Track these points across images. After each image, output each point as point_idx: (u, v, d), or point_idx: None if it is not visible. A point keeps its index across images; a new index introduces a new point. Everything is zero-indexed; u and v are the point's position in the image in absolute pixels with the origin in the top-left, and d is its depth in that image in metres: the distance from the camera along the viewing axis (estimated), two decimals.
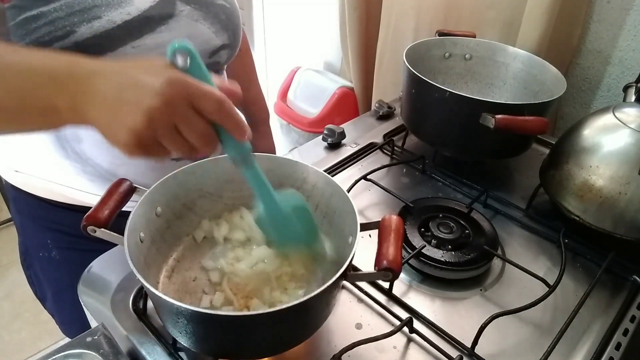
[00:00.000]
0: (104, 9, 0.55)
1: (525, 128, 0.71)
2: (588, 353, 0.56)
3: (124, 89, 0.40)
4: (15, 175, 0.71)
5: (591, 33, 0.96)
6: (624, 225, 0.65)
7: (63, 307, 0.78)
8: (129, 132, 0.40)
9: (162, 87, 0.39)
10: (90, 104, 0.41)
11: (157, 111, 0.39)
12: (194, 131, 0.41)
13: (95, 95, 0.41)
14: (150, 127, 0.39)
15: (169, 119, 0.40)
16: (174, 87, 0.40)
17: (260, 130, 1.05)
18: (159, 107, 0.39)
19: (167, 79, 0.39)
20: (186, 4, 0.63)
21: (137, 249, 0.49)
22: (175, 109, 0.40)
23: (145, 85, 0.40)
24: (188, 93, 0.40)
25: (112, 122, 0.41)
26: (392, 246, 0.46)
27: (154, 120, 0.39)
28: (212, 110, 0.41)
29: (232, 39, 0.71)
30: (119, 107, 0.40)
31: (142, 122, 0.39)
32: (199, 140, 0.42)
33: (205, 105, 0.41)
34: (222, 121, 0.42)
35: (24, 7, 0.52)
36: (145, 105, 0.39)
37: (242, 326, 0.43)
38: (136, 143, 0.40)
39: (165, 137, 0.41)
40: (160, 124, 0.40)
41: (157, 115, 0.39)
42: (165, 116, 0.39)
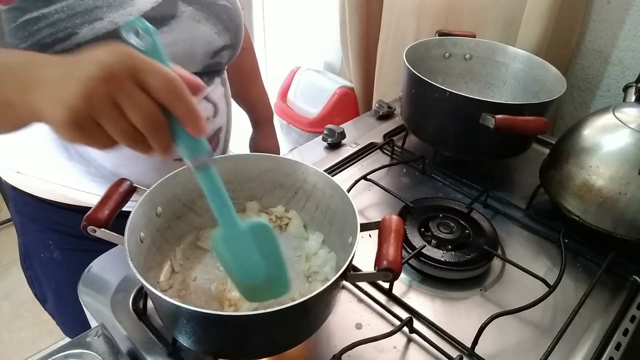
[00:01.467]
0: (106, 10, 0.55)
1: (525, 128, 0.71)
2: (588, 353, 0.56)
3: (70, 66, 0.36)
4: (16, 176, 0.71)
5: (591, 33, 0.96)
6: (624, 225, 0.65)
7: (64, 307, 0.78)
8: (64, 108, 0.34)
9: (107, 58, 0.35)
10: (36, 90, 0.37)
11: (95, 80, 0.34)
12: (137, 110, 0.35)
13: (41, 80, 0.37)
14: (85, 100, 0.34)
15: (107, 91, 0.34)
16: (117, 56, 0.35)
17: (264, 129, 1.04)
18: (96, 76, 0.34)
19: (116, 50, 0.35)
20: (188, 5, 0.63)
21: (137, 249, 0.49)
22: (117, 80, 0.34)
23: (91, 60, 0.35)
24: (133, 64, 0.35)
25: (50, 103, 0.36)
26: (392, 246, 0.46)
27: (91, 92, 0.34)
28: (159, 87, 0.36)
29: (234, 40, 0.71)
30: (59, 85, 0.35)
31: (76, 94, 0.34)
32: (143, 123, 0.36)
33: (152, 81, 0.35)
34: (172, 104, 0.36)
35: (25, 9, 0.52)
36: (83, 75, 0.34)
37: (242, 326, 0.43)
38: (72, 121, 0.35)
39: (103, 114, 0.35)
40: (97, 96, 0.34)
41: (94, 85, 0.34)
42: (103, 86, 0.34)
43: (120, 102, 0.35)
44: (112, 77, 0.34)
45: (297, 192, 0.61)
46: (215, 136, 0.74)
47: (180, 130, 0.38)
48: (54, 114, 0.35)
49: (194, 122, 0.38)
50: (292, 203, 0.62)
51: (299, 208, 0.62)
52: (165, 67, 0.36)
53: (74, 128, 0.35)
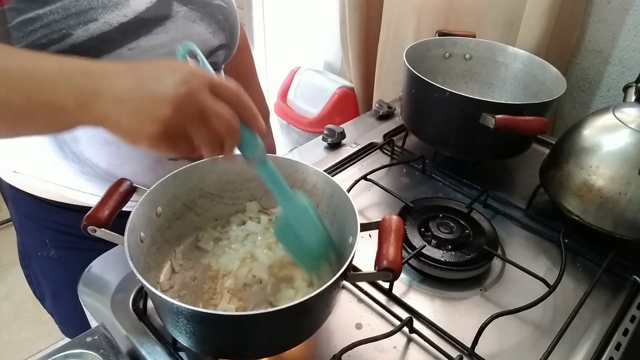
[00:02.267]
0: (100, 11, 0.55)
1: (525, 128, 0.71)
2: (588, 353, 0.56)
3: (143, 82, 0.40)
4: (13, 175, 0.71)
5: (591, 33, 0.96)
6: (624, 225, 0.65)
7: (62, 306, 0.78)
8: (156, 123, 0.40)
9: (184, 76, 0.40)
10: (107, 102, 0.40)
11: (184, 97, 0.40)
12: (220, 117, 0.42)
13: (112, 92, 0.40)
14: (178, 116, 0.40)
15: (196, 107, 0.40)
16: (194, 76, 0.41)
17: None
18: (185, 94, 0.40)
19: (187, 69, 0.41)
20: (183, 5, 0.63)
21: (137, 248, 0.49)
22: (201, 95, 0.40)
23: (167, 77, 0.40)
24: (208, 80, 0.41)
25: (134, 117, 0.40)
26: (392, 246, 0.46)
27: (182, 108, 0.40)
28: (231, 97, 0.42)
29: (229, 39, 0.71)
30: (140, 100, 0.40)
31: (170, 111, 0.39)
32: (225, 128, 0.42)
33: (226, 92, 0.42)
34: (241, 109, 0.43)
35: (21, 10, 0.52)
36: (172, 94, 0.39)
37: (242, 326, 0.43)
38: (163, 134, 0.40)
39: (192, 125, 0.41)
40: (188, 110, 0.40)
41: (184, 102, 0.40)
42: (192, 103, 0.40)
43: (206, 113, 0.41)
44: (198, 93, 0.40)
45: None
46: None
47: (243, 133, 0.45)
48: (142, 129, 0.40)
49: (259, 122, 0.45)
50: None
51: None
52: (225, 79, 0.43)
53: (164, 139, 0.41)
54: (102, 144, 0.64)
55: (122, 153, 0.65)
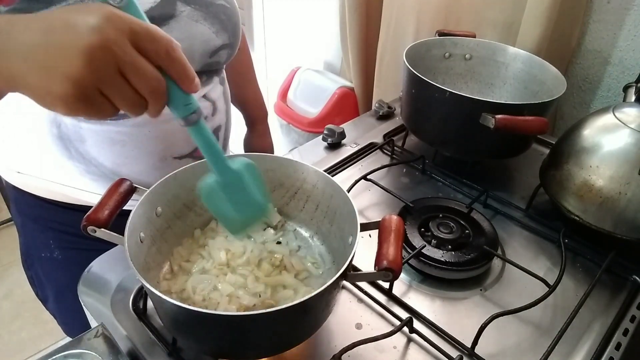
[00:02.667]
0: None
1: (525, 128, 0.71)
2: (588, 353, 0.56)
3: (51, 32, 0.34)
4: (16, 176, 0.71)
5: (591, 33, 0.96)
6: (624, 225, 0.65)
7: (65, 307, 0.78)
8: (67, 81, 0.33)
9: (99, 22, 0.33)
10: (12, 59, 0.34)
11: (98, 50, 0.33)
12: (142, 75, 0.35)
13: (16, 47, 0.34)
14: (91, 71, 0.33)
15: (112, 60, 0.34)
16: (114, 22, 0.34)
17: (258, 128, 1.05)
18: (99, 45, 0.33)
19: (105, 14, 0.34)
20: (186, 5, 0.63)
21: (137, 249, 0.49)
22: (119, 47, 0.34)
23: (78, 23, 0.33)
24: (131, 30, 0.34)
25: (42, 75, 0.34)
26: (392, 246, 0.46)
27: (96, 62, 0.33)
28: (158, 50, 0.36)
29: (232, 39, 0.71)
30: (48, 54, 0.33)
31: (81, 66, 0.33)
32: (148, 87, 0.36)
33: (151, 45, 0.35)
34: (170, 65, 0.37)
35: (24, 10, 0.52)
36: (82, 44, 0.33)
37: (242, 326, 0.43)
38: (76, 94, 0.34)
39: (109, 84, 0.35)
40: (102, 66, 0.33)
41: (98, 54, 0.33)
42: (108, 56, 0.33)
43: (124, 69, 0.35)
44: (116, 47, 0.34)
45: (297, 192, 0.61)
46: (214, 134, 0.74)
47: (174, 90, 0.39)
48: (53, 89, 0.34)
49: (189, 80, 0.38)
50: (292, 203, 0.62)
51: (298, 208, 0.62)
52: (157, 28, 0.36)
53: (78, 100, 0.34)
54: (108, 144, 0.64)
55: (127, 152, 0.65)
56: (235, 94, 0.96)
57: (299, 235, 0.62)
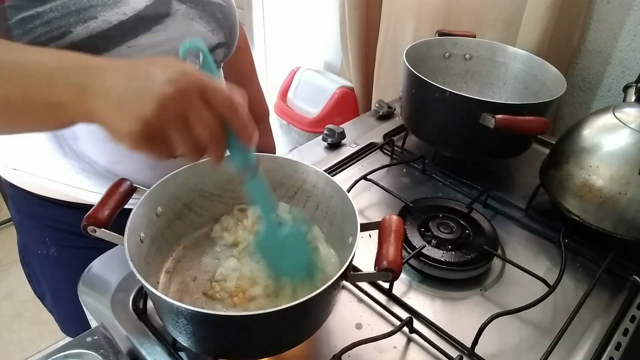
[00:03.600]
0: (100, 9, 0.55)
1: (525, 128, 0.71)
2: (588, 353, 0.56)
3: (134, 79, 0.39)
4: (13, 173, 0.71)
5: (591, 33, 0.96)
6: (624, 225, 0.65)
7: (62, 304, 0.78)
8: (137, 121, 0.38)
9: (174, 75, 0.38)
10: (96, 97, 0.39)
11: (169, 98, 0.38)
12: (204, 124, 0.39)
13: (102, 87, 0.39)
14: (160, 115, 0.38)
15: (180, 108, 0.38)
16: (186, 76, 0.39)
17: (260, 128, 1.04)
18: (171, 95, 0.38)
19: (180, 69, 0.39)
20: (182, 3, 0.63)
21: (137, 249, 0.49)
22: (188, 98, 0.38)
23: (157, 75, 0.38)
24: (201, 83, 0.39)
25: (118, 113, 0.39)
26: (393, 246, 0.46)
27: (165, 108, 0.38)
28: (222, 105, 0.40)
29: (228, 38, 0.71)
30: (127, 97, 0.38)
31: (152, 109, 0.37)
32: (208, 136, 0.40)
33: (217, 99, 0.40)
34: (231, 118, 0.41)
35: (21, 7, 0.52)
36: (157, 92, 0.37)
37: (242, 326, 0.43)
38: (143, 133, 0.38)
39: (174, 129, 0.39)
40: (171, 112, 0.38)
41: (169, 102, 0.38)
42: (177, 104, 0.38)
43: (190, 117, 0.39)
44: (185, 96, 0.38)
45: (297, 192, 0.61)
46: None
47: (233, 142, 0.43)
48: (124, 126, 0.38)
49: (248, 136, 0.43)
50: (292, 203, 0.62)
51: (298, 208, 0.62)
52: (224, 86, 0.40)
53: (144, 139, 0.39)
54: (101, 141, 0.64)
55: (122, 150, 0.65)
56: None
57: None
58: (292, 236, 0.52)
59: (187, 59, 0.41)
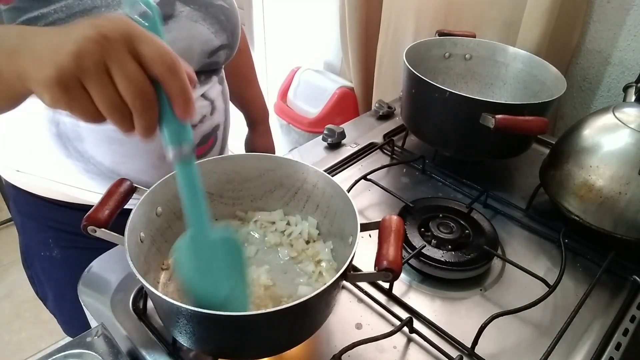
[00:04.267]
0: (104, 10, 0.55)
1: (526, 128, 0.71)
2: (588, 353, 0.56)
3: (62, 33, 0.35)
4: (16, 174, 0.71)
5: (591, 33, 0.96)
6: (624, 225, 0.65)
7: (65, 306, 0.78)
8: (52, 66, 0.33)
9: (100, 21, 0.34)
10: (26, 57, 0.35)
11: (89, 41, 0.33)
12: (128, 79, 0.34)
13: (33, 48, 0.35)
14: (75, 60, 0.33)
15: (99, 54, 0.33)
16: (114, 22, 0.34)
17: (259, 129, 1.05)
18: (91, 37, 0.33)
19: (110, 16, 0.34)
20: (185, 5, 0.63)
21: (137, 248, 0.49)
22: (109, 44, 0.33)
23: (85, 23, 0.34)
24: (130, 31, 0.34)
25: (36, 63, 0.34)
26: (393, 246, 0.46)
27: (83, 52, 0.33)
28: (154, 59, 0.34)
29: (230, 39, 0.71)
30: (48, 48, 0.34)
31: (68, 53, 0.33)
32: (132, 94, 0.34)
33: (148, 51, 0.34)
34: (165, 78, 0.35)
35: (24, 9, 0.52)
36: (77, 36, 0.33)
37: (242, 326, 0.43)
38: (57, 80, 0.33)
39: (91, 78, 0.33)
40: (88, 57, 0.33)
41: (87, 45, 0.33)
42: (96, 49, 0.33)
43: (111, 67, 0.33)
44: (106, 40, 0.33)
45: (297, 192, 0.61)
46: (212, 134, 0.74)
47: (168, 113, 0.36)
48: (39, 73, 0.34)
49: (184, 102, 0.36)
50: (292, 203, 0.62)
51: (298, 208, 0.62)
52: (162, 41, 0.35)
53: (58, 87, 0.33)
54: (106, 142, 0.64)
55: (126, 151, 0.65)
56: (237, 94, 0.96)
57: None
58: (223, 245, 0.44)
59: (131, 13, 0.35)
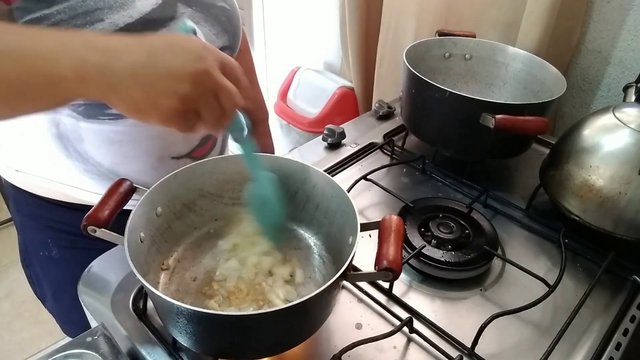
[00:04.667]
0: (107, 11, 0.55)
1: (525, 128, 0.71)
2: (588, 353, 0.56)
3: (157, 56, 0.40)
4: (15, 174, 0.71)
5: (591, 33, 0.96)
6: (624, 225, 0.65)
7: (63, 306, 0.78)
8: (174, 97, 0.40)
9: (201, 53, 0.41)
10: (114, 74, 0.40)
11: (203, 74, 0.40)
12: (229, 95, 0.42)
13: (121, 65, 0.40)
14: (196, 91, 0.40)
15: (211, 83, 0.41)
16: (210, 53, 0.41)
17: (259, 130, 1.05)
18: (204, 71, 0.40)
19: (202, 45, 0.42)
20: (187, 6, 0.63)
21: (137, 249, 0.49)
22: (217, 74, 0.41)
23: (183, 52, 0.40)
24: (221, 60, 0.42)
25: (148, 90, 0.40)
26: (393, 246, 0.46)
27: (200, 84, 0.40)
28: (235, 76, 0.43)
29: (232, 41, 0.71)
30: (156, 74, 0.40)
31: (188, 86, 0.39)
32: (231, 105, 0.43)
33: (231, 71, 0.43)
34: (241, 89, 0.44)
35: (27, 10, 0.52)
36: (191, 69, 0.40)
37: (242, 326, 0.43)
38: (180, 109, 0.40)
39: (206, 102, 0.42)
40: (204, 87, 0.41)
41: (203, 78, 0.40)
42: (209, 80, 0.41)
43: (218, 91, 0.42)
44: (214, 71, 0.41)
45: (297, 192, 0.61)
46: (212, 135, 0.74)
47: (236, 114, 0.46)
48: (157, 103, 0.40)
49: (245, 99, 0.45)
50: (292, 203, 0.62)
51: (299, 208, 0.62)
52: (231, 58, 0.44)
53: (180, 115, 0.41)
54: (106, 143, 0.64)
55: (125, 152, 0.65)
56: None
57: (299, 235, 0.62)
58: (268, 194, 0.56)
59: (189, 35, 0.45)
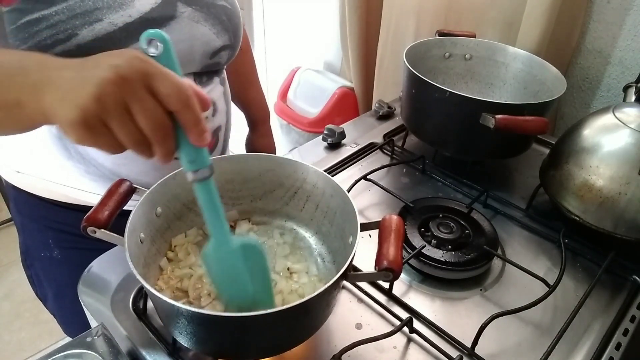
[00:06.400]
0: (106, 11, 0.55)
1: (525, 128, 0.71)
2: (588, 353, 0.56)
3: (82, 70, 0.37)
4: (16, 175, 0.71)
5: (591, 33, 0.96)
6: (624, 225, 0.65)
7: (64, 306, 0.78)
8: (76, 109, 0.35)
9: (119, 62, 0.36)
10: (50, 93, 0.37)
11: (109, 83, 0.35)
12: (147, 116, 0.36)
13: (55, 82, 0.37)
14: (98, 101, 0.35)
15: (120, 95, 0.35)
16: (132, 62, 0.36)
17: (260, 129, 1.05)
18: (111, 79, 0.35)
19: (129, 56, 0.36)
20: (187, 6, 0.63)
21: (137, 249, 0.49)
22: (129, 85, 0.36)
23: (104, 62, 0.36)
24: (146, 71, 0.36)
25: (61, 103, 0.36)
26: (393, 246, 0.46)
27: (104, 94, 0.35)
28: (169, 94, 0.37)
29: (232, 40, 0.71)
30: (70, 87, 0.36)
31: (90, 95, 0.35)
32: (151, 128, 0.37)
33: (163, 88, 0.36)
34: (180, 112, 0.37)
35: (25, 11, 0.52)
36: (97, 78, 0.35)
37: (242, 326, 0.43)
38: (82, 121, 0.35)
39: (114, 117, 0.36)
40: (109, 98, 0.35)
41: (107, 88, 0.35)
42: (116, 90, 0.35)
43: (131, 106, 0.36)
44: (125, 81, 0.35)
45: (297, 192, 0.61)
46: (214, 135, 0.74)
47: (184, 140, 0.39)
48: (64, 114, 0.36)
49: (198, 132, 0.39)
50: (292, 203, 0.62)
51: (298, 208, 0.62)
52: (176, 75, 0.37)
53: (83, 128, 0.36)
54: None
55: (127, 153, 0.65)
56: (238, 95, 0.96)
57: (299, 235, 0.62)
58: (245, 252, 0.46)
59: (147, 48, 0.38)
